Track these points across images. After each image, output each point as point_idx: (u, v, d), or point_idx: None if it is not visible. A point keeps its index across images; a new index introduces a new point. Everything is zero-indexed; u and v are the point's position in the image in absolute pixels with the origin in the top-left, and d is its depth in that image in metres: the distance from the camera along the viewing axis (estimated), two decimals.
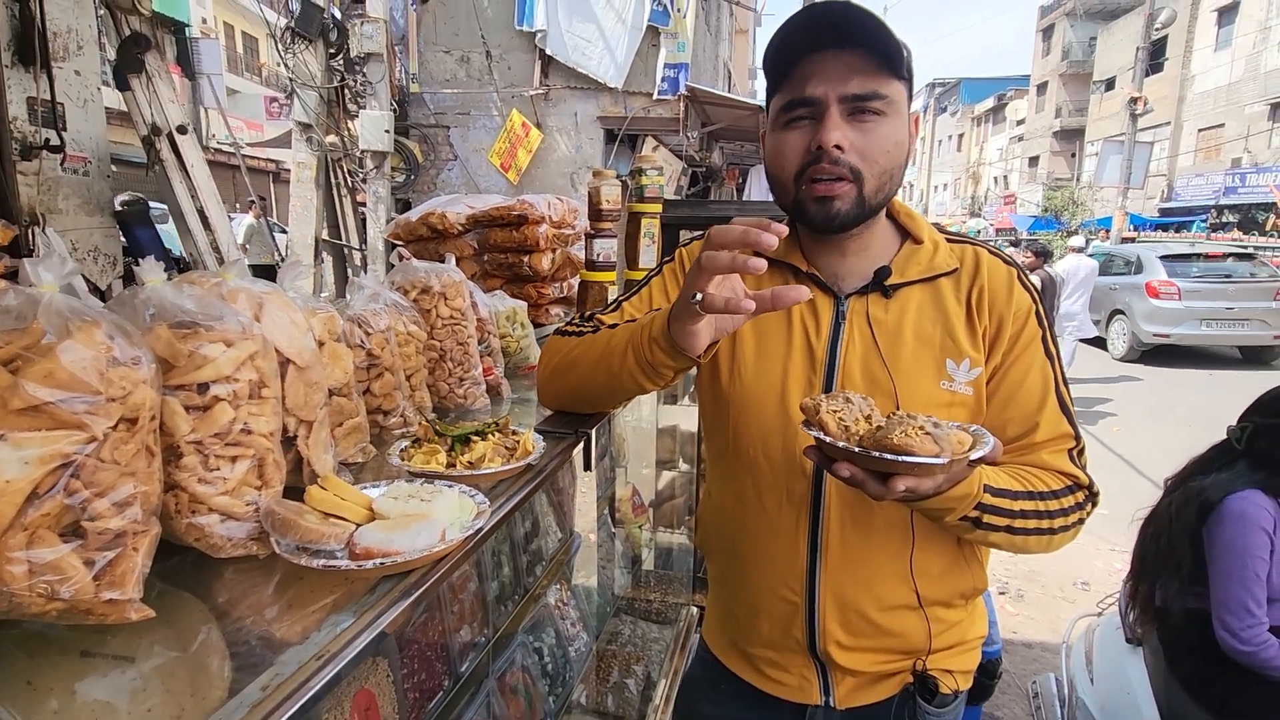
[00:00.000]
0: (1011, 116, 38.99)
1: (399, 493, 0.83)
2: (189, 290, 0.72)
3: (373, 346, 1.03)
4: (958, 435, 0.81)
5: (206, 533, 0.72)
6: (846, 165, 0.96)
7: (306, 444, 0.88)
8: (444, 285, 1.23)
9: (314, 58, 7.55)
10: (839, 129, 0.95)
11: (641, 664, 2.00)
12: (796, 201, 1.01)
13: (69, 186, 2.53)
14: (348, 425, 1.00)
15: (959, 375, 1.03)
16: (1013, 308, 1.04)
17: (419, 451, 0.98)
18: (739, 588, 1.18)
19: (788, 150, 0.99)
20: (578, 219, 2.31)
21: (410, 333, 1.16)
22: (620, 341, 1.03)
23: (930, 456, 0.76)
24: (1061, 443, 1.03)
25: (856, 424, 0.86)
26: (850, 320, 1.06)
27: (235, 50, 23.03)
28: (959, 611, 1.13)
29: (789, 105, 0.98)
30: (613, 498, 2.34)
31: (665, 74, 8.05)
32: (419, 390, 1.22)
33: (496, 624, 1.48)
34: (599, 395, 1.16)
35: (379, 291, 1.11)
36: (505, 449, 1.01)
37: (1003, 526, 0.96)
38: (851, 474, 0.81)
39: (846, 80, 0.94)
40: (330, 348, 0.95)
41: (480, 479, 0.94)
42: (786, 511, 1.08)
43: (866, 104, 0.95)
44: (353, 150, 8.16)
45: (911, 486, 0.79)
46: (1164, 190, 22.70)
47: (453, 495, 0.85)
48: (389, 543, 0.72)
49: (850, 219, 1.00)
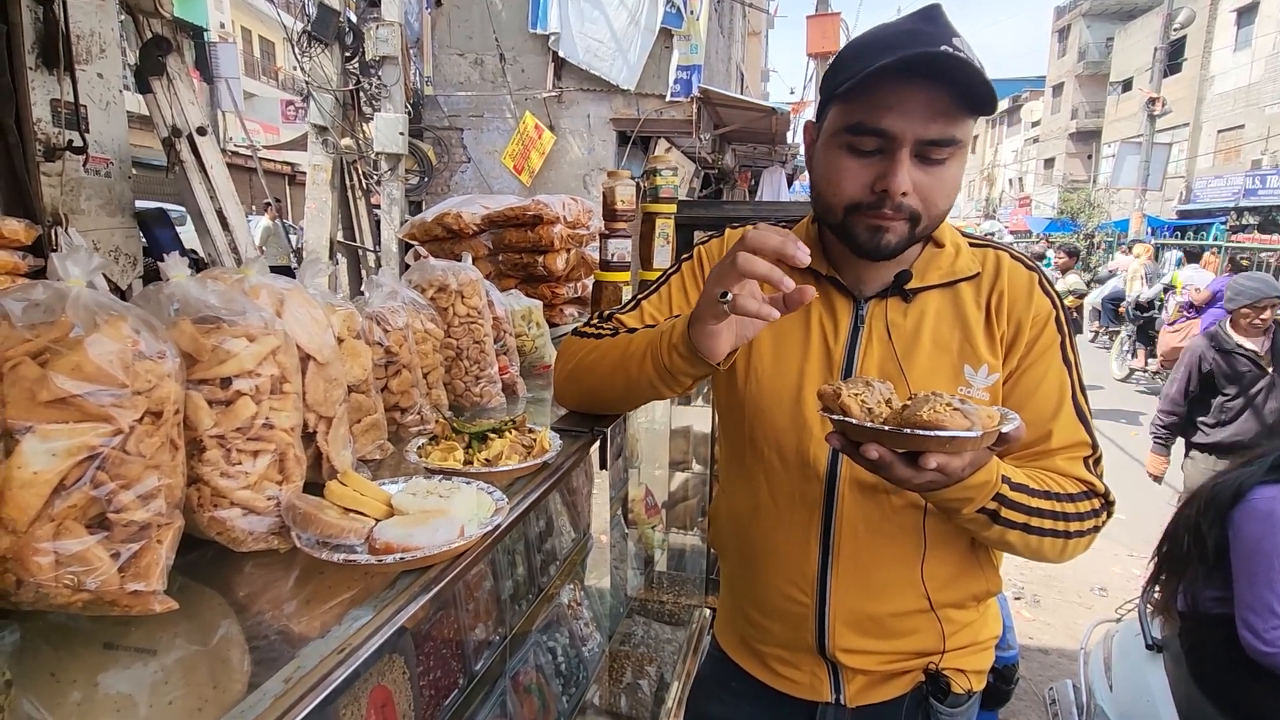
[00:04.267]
0: (1027, 118, 38.71)
1: (418, 489, 0.83)
2: (212, 286, 0.72)
3: (391, 344, 1.03)
4: (986, 410, 0.80)
5: (228, 526, 0.73)
6: (907, 211, 0.94)
7: (326, 440, 0.88)
8: (461, 284, 1.23)
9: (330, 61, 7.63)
10: (908, 174, 0.92)
11: (654, 665, 1.99)
12: (844, 225, 0.99)
13: (91, 188, 2.57)
14: (366, 422, 1.01)
15: (977, 381, 1.02)
16: (1031, 312, 1.03)
17: (436, 449, 0.99)
18: (750, 587, 1.18)
19: (846, 179, 0.96)
20: (592, 219, 2.32)
21: (428, 330, 1.16)
22: (639, 347, 1.03)
23: (962, 430, 0.75)
24: (1077, 450, 1.02)
25: (879, 406, 0.85)
26: (869, 324, 1.05)
27: (252, 54, 23.28)
28: (971, 612, 1.13)
29: (857, 128, 0.92)
30: (626, 498, 2.34)
31: (678, 76, 8.04)
32: (436, 388, 1.22)
33: (511, 623, 1.48)
34: (616, 400, 1.16)
35: (397, 289, 1.12)
36: (522, 447, 1.01)
37: (1019, 524, 0.94)
38: (880, 455, 0.79)
39: (928, 122, 0.89)
40: (349, 344, 0.96)
41: (497, 476, 0.94)
42: (799, 514, 1.08)
43: (941, 149, 0.92)
44: (367, 153, 8.22)
45: (942, 464, 0.78)
46: (1182, 192, 22.42)
47: (471, 492, 0.85)
48: (409, 538, 0.72)
49: (897, 251, 0.99)
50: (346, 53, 7.85)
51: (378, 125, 8.01)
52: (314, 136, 8.05)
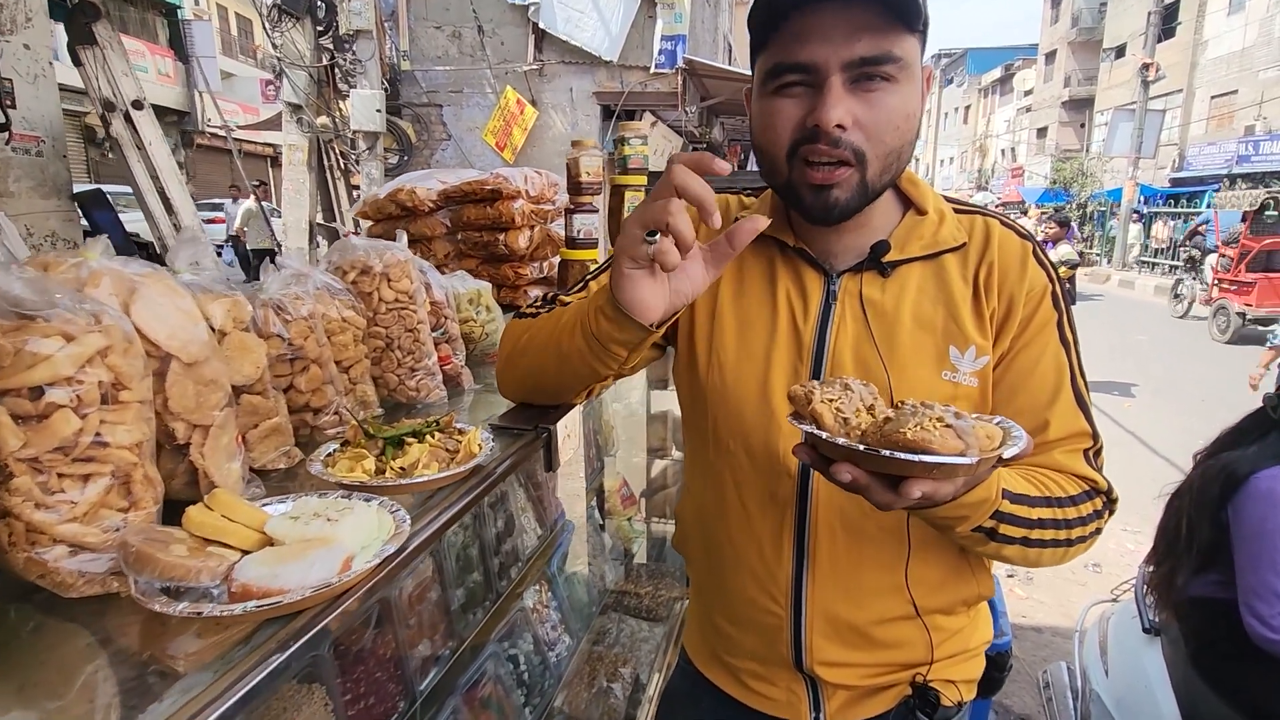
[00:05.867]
0: (1019, 87, 38.30)
1: (304, 510, 0.70)
2: (19, 273, 0.58)
3: (293, 336, 0.89)
4: (984, 428, 0.67)
5: (51, 568, 0.59)
6: (848, 147, 0.81)
7: (202, 453, 0.75)
8: (387, 265, 1.09)
9: (302, 36, 7.41)
10: (841, 103, 0.79)
11: (629, 666, 1.88)
12: (789, 185, 0.87)
13: (20, 168, 2.39)
14: (264, 427, 0.87)
15: (963, 365, 0.90)
16: (1025, 286, 0.91)
17: (344, 457, 0.85)
18: (720, 596, 1.08)
19: (778, 123, 0.84)
20: (558, 194, 2.17)
21: (345, 319, 1.02)
22: (570, 318, 0.91)
23: (954, 455, 0.62)
24: (1077, 442, 0.91)
25: (858, 415, 0.73)
26: (842, 301, 0.94)
27: (229, 33, 22.73)
28: (961, 618, 1.03)
29: (777, 69, 0.82)
30: (601, 489, 2.22)
31: (662, 46, 7.82)
32: (361, 383, 1.08)
33: (463, 635, 1.36)
34: (553, 384, 1.04)
35: (307, 273, 0.97)
36: (445, 452, 0.87)
37: (1018, 539, 0.85)
38: (854, 478, 0.68)
39: (852, 41, 0.78)
40: (235, 338, 0.82)
41: (412, 488, 0.81)
42: (770, 515, 0.97)
43: (876, 69, 0.79)
44: (344, 131, 8.03)
45: (929, 492, 0.66)
46: (1175, 160, 22.23)
47: (370, 512, 0.71)
48: (273, 579, 0.59)
49: (850, 209, 0.86)
50: (319, 27, 7.64)
51: (354, 103, 7.84)
52: (289, 115, 7.85)
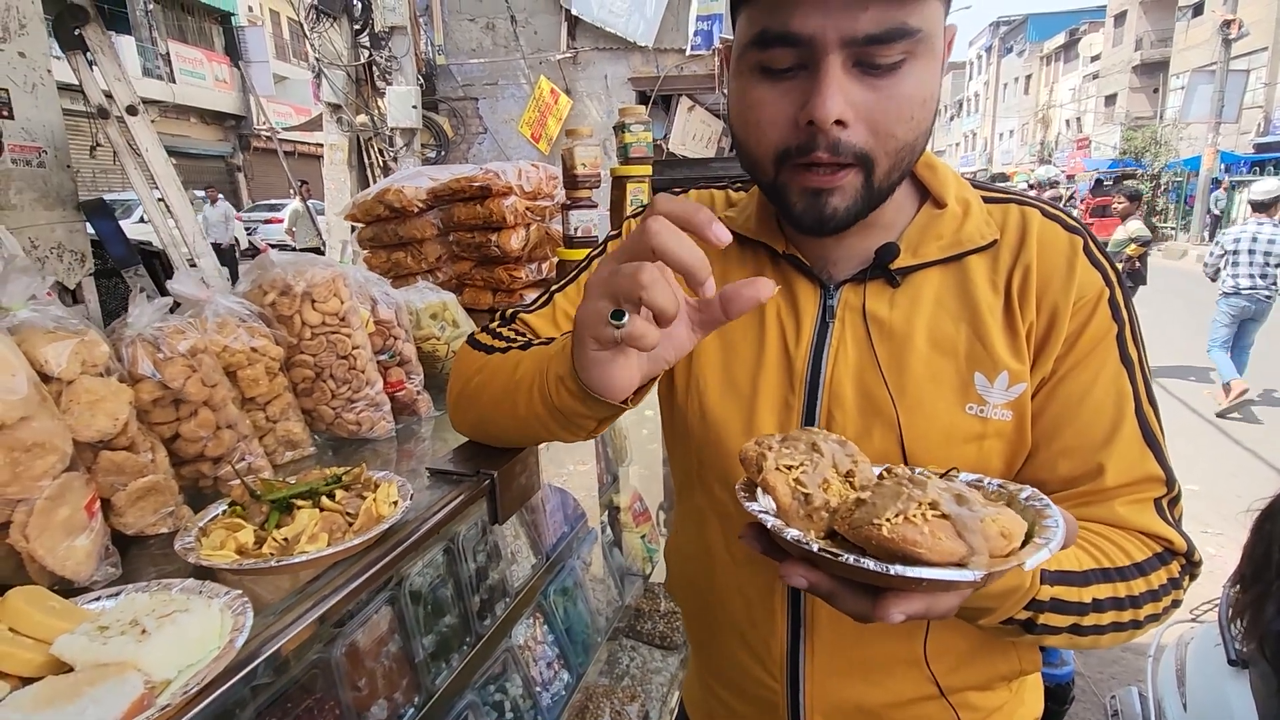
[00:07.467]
0: (1085, 53, 36.27)
1: (121, 616, 0.55)
2: None
3: (168, 377, 0.75)
4: (1001, 520, 0.47)
5: None
6: (851, 150, 0.63)
7: (25, 534, 0.61)
8: (310, 284, 0.94)
9: (339, 36, 7.51)
10: (840, 92, 0.61)
11: (638, 702, 1.73)
12: (776, 188, 0.69)
13: (21, 180, 2.36)
14: (135, 487, 0.73)
15: (993, 395, 0.70)
16: (1073, 293, 0.70)
17: (220, 525, 0.71)
18: (713, 657, 0.92)
19: (763, 117, 0.65)
20: (558, 188, 2.00)
21: (256, 349, 0.88)
22: (527, 375, 0.74)
23: (948, 566, 0.44)
24: (1144, 489, 0.71)
25: (824, 489, 0.55)
26: (841, 319, 0.75)
27: (282, 37, 23.31)
28: (1000, 694, 0.83)
29: (762, 40, 0.63)
30: (611, 505, 2.06)
31: (698, 27, 7.60)
32: (283, 421, 0.94)
33: (433, 687, 1.22)
34: (513, 437, 0.89)
35: (204, 298, 0.83)
36: (344, 517, 0.72)
37: (1065, 627, 0.65)
38: (812, 583, 0.51)
39: (855, 12, 0.59)
40: (84, 386, 0.68)
41: (289, 570, 0.66)
42: (760, 571, 0.80)
43: (886, 50, 0.60)
44: (383, 129, 8.11)
45: (917, 611, 0.49)
46: (1260, 124, 20.66)
47: (208, 615, 0.57)
48: None
49: (850, 218, 0.68)
50: (355, 25, 7.73)
51: (391, 100, 7.89)
52: (329, 115, 7.99)
